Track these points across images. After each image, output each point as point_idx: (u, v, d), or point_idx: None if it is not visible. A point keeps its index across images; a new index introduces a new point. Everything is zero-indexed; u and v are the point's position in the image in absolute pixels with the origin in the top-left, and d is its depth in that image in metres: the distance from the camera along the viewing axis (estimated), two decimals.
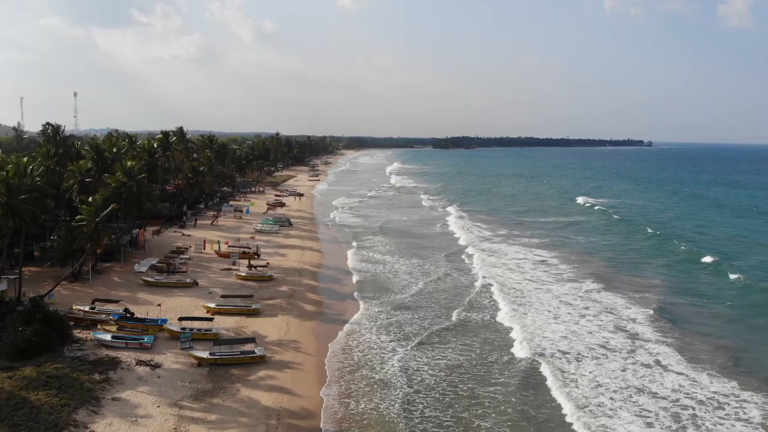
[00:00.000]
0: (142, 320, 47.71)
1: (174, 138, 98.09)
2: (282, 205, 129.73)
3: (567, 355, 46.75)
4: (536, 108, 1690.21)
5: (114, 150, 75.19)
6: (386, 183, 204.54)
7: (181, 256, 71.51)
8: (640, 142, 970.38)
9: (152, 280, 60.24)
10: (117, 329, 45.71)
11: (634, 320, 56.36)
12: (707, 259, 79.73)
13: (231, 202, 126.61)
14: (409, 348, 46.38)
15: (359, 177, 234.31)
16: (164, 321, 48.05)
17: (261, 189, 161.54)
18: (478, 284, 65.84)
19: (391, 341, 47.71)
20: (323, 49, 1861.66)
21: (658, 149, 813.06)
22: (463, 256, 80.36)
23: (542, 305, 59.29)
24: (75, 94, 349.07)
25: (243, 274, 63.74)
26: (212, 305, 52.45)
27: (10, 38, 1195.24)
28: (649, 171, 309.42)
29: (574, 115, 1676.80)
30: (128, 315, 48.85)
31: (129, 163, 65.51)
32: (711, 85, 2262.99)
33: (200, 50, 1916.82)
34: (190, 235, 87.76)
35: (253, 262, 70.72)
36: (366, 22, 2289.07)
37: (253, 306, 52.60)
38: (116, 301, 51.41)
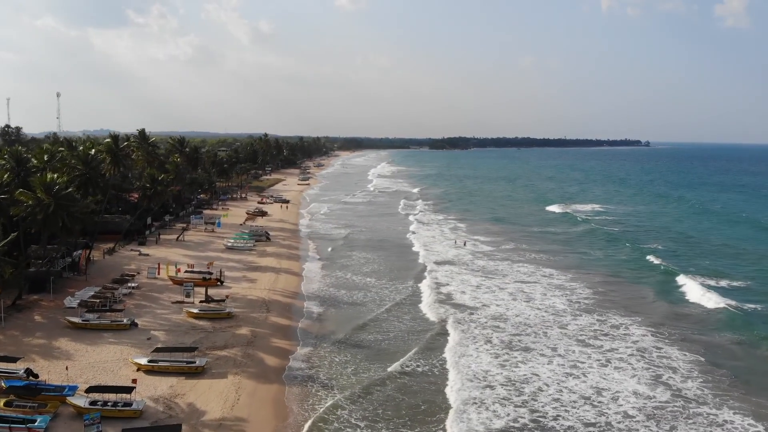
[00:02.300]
0: (42, 389, 35.96)
1: (128, 141, 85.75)
2: (263, 214, 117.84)
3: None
4: (534, 108, 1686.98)
5: (45, 158, 63.19)
6: (373, 187, 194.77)
7: (128, 284, 59.73)
8: (637, 142, 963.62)
9: (79, 321, 48.40)
10: (3, 404, 34.02)
11: (674, 370, 44.95)
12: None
13: (206, 212, 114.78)
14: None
15: (349, 180, 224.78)
16: (73, 389, 36.35)
17: (243, 195, 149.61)
18: (468, 318, 54.45)
19: (358, 414, 36.24)
20: (320, 50, 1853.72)
21: (655, 149, 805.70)
22: (445, 278, 69.40)
23: (558, 352, 47.60)
24: (58, 95, 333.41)
25: (195, 311, 51.91)
26: (143, 361, 40.74)
27: (6, 39, 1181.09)
28: (640, 172, 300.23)
29: (572, 115, 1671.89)
30: (29, 381, 37.17)
31: (49, 176, 53.44)
32: (709, 85, 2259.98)
33: (197, 51, 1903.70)
34: (148, 255, 75.94)
35: (215, 291, 59.23)
36: (363, 22, 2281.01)
37: (197, 362, 40.82)
38: (15, 359, 39.53)
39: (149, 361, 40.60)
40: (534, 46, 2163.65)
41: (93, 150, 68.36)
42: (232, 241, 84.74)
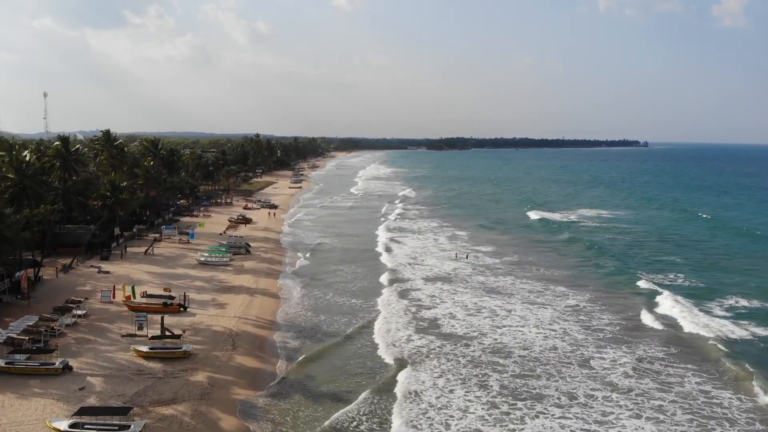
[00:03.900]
0: None
1: (78, 144, 77.09)
2: (247, 222, 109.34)
3: None
4: (532, 108, 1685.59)
5: None
6: (366, 190, 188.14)
7: (73, 312, 51.26)
8: (635, 143, 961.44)
9: (2, 364, 39.98)
10: None
11: (731, 422, 36.66)
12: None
13: (184, 219, 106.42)
14: None
15: (342, 182, 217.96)
16: None
17: (228, 200, 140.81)
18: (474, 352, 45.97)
19: None
20: (318, 50, 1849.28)
21: (653, 150, 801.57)
22: (438, 298, 60.55)
23: (578, 398, 38.88)
24: (45, 95, 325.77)
25: (143, 350, 43.42)
26: (63, 426, 32.32)
27: (3, 39, 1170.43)
28: (634, 174, 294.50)
29: (571, 115, 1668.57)
30: None
31: None
32: (707, 85, 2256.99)
33: (194, 51, 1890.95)
34: (109, 272, 67.49)
35: (177, 320, 51.00)
36: (361, 22, 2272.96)
37: (132, 427, 32.29)
38: None
39: (71, 426, 32.21)
40: (532, 46, 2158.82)
41: (27, 155, 59.68)
42: (206, 254, 76.17)
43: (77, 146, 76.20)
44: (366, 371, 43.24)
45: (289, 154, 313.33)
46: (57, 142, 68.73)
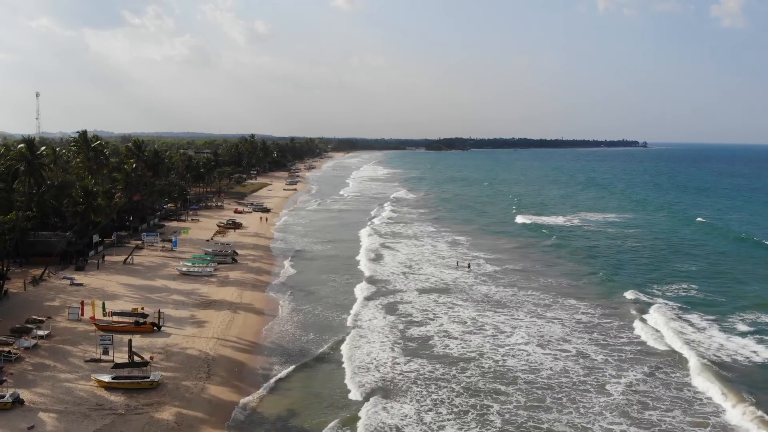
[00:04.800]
0: None
1: (45, 146, 71.83)
2: (237, 227, 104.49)
3: None
4: (531, 109, 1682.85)
5: None
6: (361, 191, 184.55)
7: (34, 333, 46.38)
8: (634, 143, 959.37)
9: None
10: None
11: None
12: None
13: (171, 224, 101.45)
14: None
15: (338, 183, 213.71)
16: None
17: (219, 203, 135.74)
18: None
19: None
20: (317, 50, 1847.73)
21: (652, 150, 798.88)
22: (434, 312, 55.53)
23: None
24: (37, 95, 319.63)
25: (105, 380, 38.52)
26: None
27: (2, 40, 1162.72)
28: (633, 174, 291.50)
29: (570, 115, 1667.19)
30: None
31: None
32: (706, 85, 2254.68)
33: (193, 52, 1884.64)
34: (82, 285, 62.61)
35: (150, 341, 46.25)
36: (360, 22, 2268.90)
37: None
38: None
39: None
40: (531, 46, 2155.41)
41: None
42: (189, 264, 71.21)
43: (43, 148, 70.98)
44: (351, 401, 38.37)
45: (285, 155, 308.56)
46: (21, 145, 63.81)
